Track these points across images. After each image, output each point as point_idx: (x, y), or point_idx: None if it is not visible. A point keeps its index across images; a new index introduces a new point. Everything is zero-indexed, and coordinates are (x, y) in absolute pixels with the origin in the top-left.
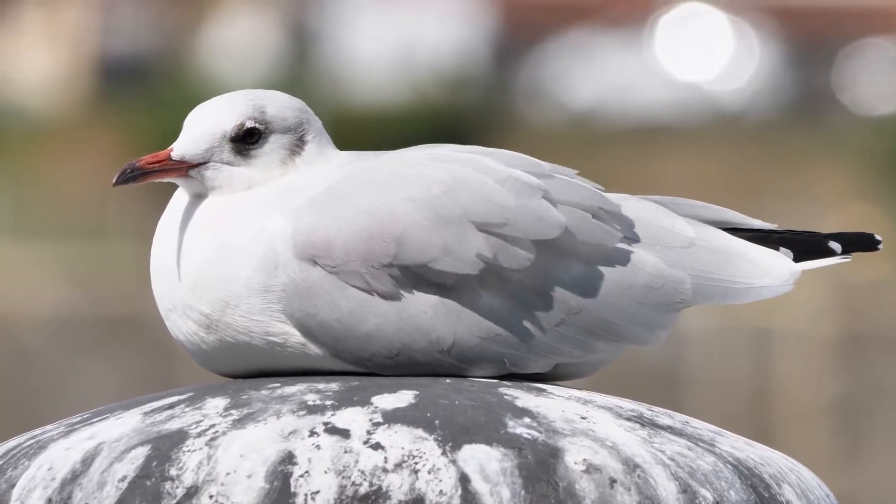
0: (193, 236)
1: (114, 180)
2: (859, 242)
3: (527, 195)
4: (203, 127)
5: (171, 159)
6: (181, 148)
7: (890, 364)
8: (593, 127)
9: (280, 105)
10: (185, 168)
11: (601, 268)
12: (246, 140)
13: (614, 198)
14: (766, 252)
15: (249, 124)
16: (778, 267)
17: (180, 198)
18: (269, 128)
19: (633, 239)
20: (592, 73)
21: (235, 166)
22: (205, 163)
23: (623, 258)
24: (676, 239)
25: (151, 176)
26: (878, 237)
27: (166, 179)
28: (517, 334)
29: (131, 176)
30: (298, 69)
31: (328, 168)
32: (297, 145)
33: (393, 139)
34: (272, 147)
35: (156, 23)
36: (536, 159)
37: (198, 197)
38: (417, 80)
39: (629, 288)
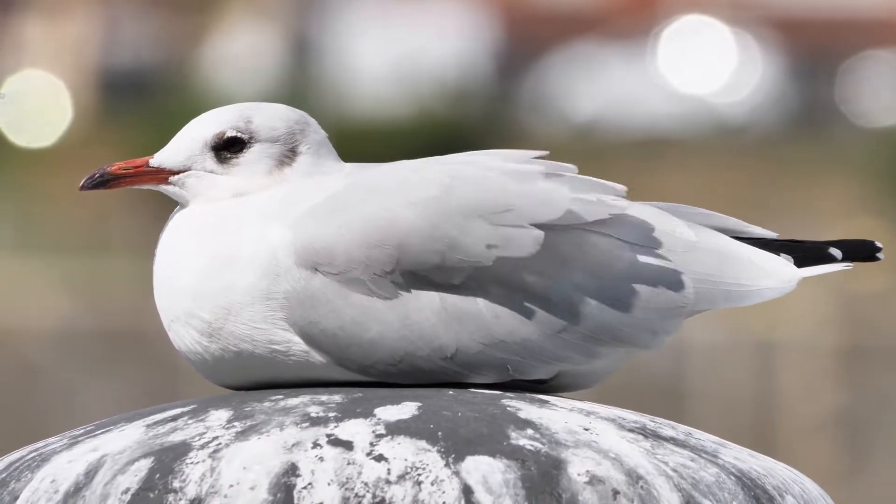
0: (194, 245)
1: (80, 184)
2: (860, 250)
3: (528, 181)
4: (186, 136)
5: (149, 166)
6: (160, 156)
7: (893, 375)
8: (596, 139)
9: (270, 116)
10: (165, 175)
11: (604, 272)
12: (228, 148)
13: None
14: (766, 255)
15: (230, 133)
16: (779, 269)
17: (182, 209)
18: (254, 137)
19: (635, 243)
20: (595, 86)
21: (218, 174)
22: (185, 170)
23: (626, 263)
24: (678, 243)
25: (125, 181)
26: (878, 244)
27: (144, 186)
28: (520, 341)
29: (100, 181)
30: (301, 82)
31: (328, 179)
32: (287, 156)
33: (395, 152)
34: (256, 156)
35: (158, 36)
36: (534, 156)
37: (196, 207)
38: (420, 93)
39: (632, 293)
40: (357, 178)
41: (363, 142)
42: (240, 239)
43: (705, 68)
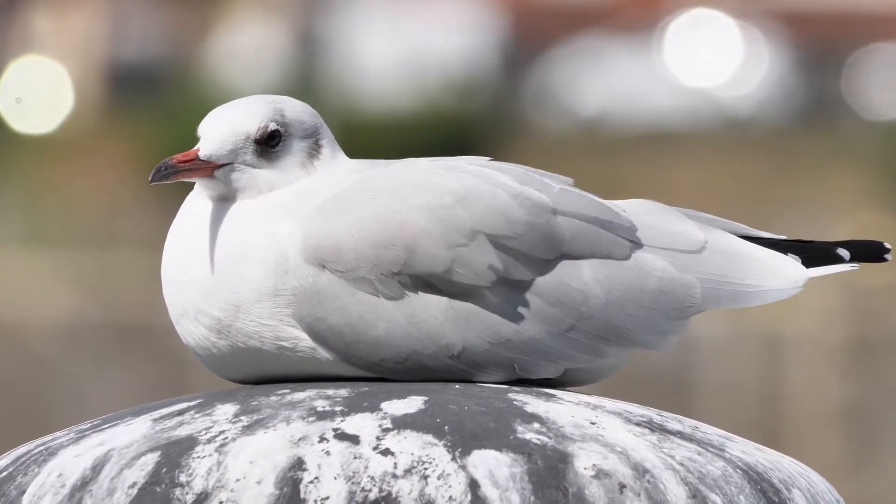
0: (204, 241)
1: (150, 178)
2: (868, 251)
3: (536, 213)
4: (227, 128)
5: (199, 159)
6: (208, 148)
7: None
8: (602, 133)
9: (297, 109)
10: (211, 168)
11: (611, 273)
12: (268, 142)
13: (624, 203)
14: (775, 255)
15: (272, 126)
16: (787, 270)
17: (191, 203)
18: (289, 130)
19: (644, 244)
20: (601, 80)
21: (258, 168)
22: (229, 164)
23: (633, 263)
24: (686, 243)
25: (182, 175)
26: (887, 245)
27: (193, 179)
28: (527, 339)
29: (165, 174)
30: (307, 77)
31: (338, 174)
32: (314, 149)
33: (402, 146)
34: (293, 150)
35: (165, 31)
36: (543, 171)
37: (212, 201)
38: (426, 87)
39: (639, 293)
40: (367, 175)
41: (369, 136)
42: (250, 235)
43: (712, 62)
